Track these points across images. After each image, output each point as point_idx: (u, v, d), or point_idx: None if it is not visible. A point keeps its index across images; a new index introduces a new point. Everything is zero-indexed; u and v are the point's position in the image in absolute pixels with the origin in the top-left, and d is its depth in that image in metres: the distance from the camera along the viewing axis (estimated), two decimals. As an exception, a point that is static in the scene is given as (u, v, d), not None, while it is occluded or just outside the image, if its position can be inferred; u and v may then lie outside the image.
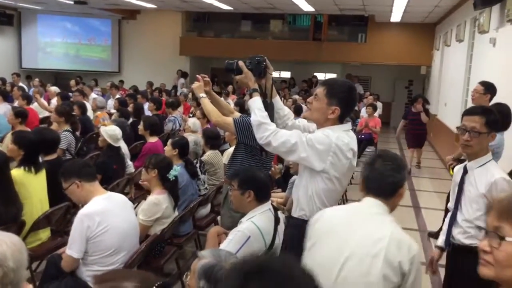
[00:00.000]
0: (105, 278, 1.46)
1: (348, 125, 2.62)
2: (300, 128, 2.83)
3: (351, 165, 2.58)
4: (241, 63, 2.76)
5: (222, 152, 5.71)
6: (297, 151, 2.48)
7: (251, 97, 2.69)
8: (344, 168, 2.54)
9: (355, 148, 2.59)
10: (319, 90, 2.57)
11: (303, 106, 8.37)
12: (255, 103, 2.63)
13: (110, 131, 5.03)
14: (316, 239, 2.08)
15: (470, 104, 5.57)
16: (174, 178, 3.82)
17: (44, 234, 3.98)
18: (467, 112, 2.95)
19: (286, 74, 18.16)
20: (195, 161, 4.90)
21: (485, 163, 2.86)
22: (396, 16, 12.71)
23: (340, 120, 2.56)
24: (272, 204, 3.05)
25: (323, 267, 1.92)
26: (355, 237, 1.97)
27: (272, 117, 2.70)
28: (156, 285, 1.42)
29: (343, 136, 2.52)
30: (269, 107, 2.69)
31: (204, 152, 5.39)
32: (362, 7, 11.65)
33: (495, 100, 4.67)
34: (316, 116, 2.59)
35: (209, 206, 4.98)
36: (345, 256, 1.94)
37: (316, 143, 2.47)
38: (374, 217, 2.03)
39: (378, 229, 1.98)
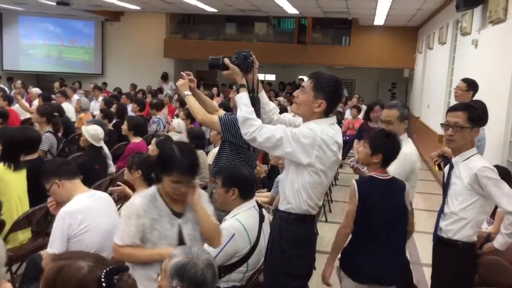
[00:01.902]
0: (61, 256, 1.50)
1: (333, 119, 2.62)
2: (285, 122, 2.82)
3: (336, 158, 2.59)
4: (226, 60, 2.73)
5: (207, 153, 5.67)
6: (282, 146, 2.48)
7: (238, 92, 2.67)
8: (330, 161, 2.54)
9: (340, 141, 2.60)
10: (306, 83, 2.57)
11: (288, 108, 8.36)
12: (242, 99, 2.61)
13: (92, 131, 4.96)
14: None
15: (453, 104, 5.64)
16: (159, 177, 3.77)
17: (24, 235, 3.89)
18: (451, 109, 3.03)
19: (271, 77, 18.20)
20: (179, 161, 4.85)
21: (470, 157, 2.92)
22: (379, 19, 12.84)
23: (326, 114, 2.57)
24: (256, 201, 3.03)
25: None
26: None
27: (258, 111, 2.69)
28: (110, 267, 1.42)
29: (327, 129, 2.52)
30: (256, 102, 2.67)
31: (188, 152, 5.34)
32: (346, 10, 11.73)
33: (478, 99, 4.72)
34: (302, 110, 2.59)
35: (193, 207, 4.92)
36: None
37: (301, 137, 2.47)
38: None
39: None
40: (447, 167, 3.13)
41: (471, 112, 2.88)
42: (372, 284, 2.85)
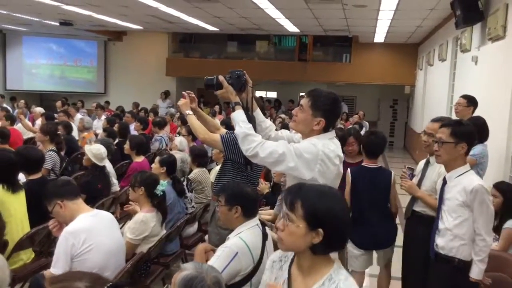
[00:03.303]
0: (57, 279, 1.49)
1: (333, 133, 2.64)
2: (283, 139, 2.83)
3: (338, 171, 2.60)
4: (221, 78, 2.76)
5: (209, 171, 5.68)
6: (285, 161, 2.47)
7: (233, 110, 2.68)
8: (332, 175, 2.55)
9: (341, 154, 2.62)
10: (304, 101, 2.58)
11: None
12: (239, 116, 2.62)
13: (95, 150, 4.97)
14: None
15: (454, 121, 5.66)
16: (162, 193, 3.78)
17: (27, 255, 3.89)
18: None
19: (272, 94, 18.28)
20: (182, 179, 4.86)
21: (463, 173, 2.96)
22: (379, 36, 12.93)
23: (325, 130, 2.58)
24: (259, 220, 3.03)
25: None
26: None
27: (254, 130, 2.70)
28: (108, 285, 1.44)
29: (329, 144, 2.54)
30: (251, 120, 2.68)
31: (191, 170, 5.36)
32: (346, 27, 11.83)
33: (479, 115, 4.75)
34: (301, 128, 2.61)
35: (196, 225, 4.93)
36: None
37: (303, 152, 2.48)
38: None
39: None
40: (440, 181, 3.16)
41: (454, 127, 2.95)
42: (370, 249, 3.84)
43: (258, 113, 2.88)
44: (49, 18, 12.49)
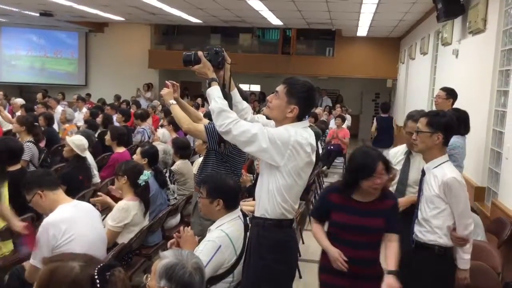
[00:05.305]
0: (52, 259, 1.56)
1: (306, 122, 2.65)
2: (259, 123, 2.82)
3: (310, 160, 2.59)
4: (200, 53, 2.72)
5: (192, 163, 5.66)
6: (257, 142, 2.45)
7: (209, 86, 2.64)
8: (303, 163, 2.55)
9: (314, 143, 2.62)
10: (280, 88, 2.57)
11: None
12: (215, 92, 2.59)
13: (77, 141, 4.91)
14: None
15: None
16: (144, 183, 3.76)
17: (7, 246, 3.82)
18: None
19: (256, 87, 18.27)
20: (164, 171, 4.84)
21: (441, 164, 3.00)
22: (362, 30, 13.00)
23: (299, 118, 2.58)
24: (241, 210, 3.03)
25: None
26: None
27: (230, 109, 2.68)
28: (101, 264, 1.50)
29: (302, 132, 2.55)
30: (227, 99, 2.64)
31: (173, 162, 5.33)
32: (329, 21, 11.86)
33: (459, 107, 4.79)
34: (275, 114, 2.60)
35: (178, 216, 4.91)
36: None
37: (276, 136, 2.48)
38: None
39: None
40: (418, 172, 3.23)
41: (431, 118, 3.01)
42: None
43: (235, 93, 2.84)
44: (29, 9, 12.26)
